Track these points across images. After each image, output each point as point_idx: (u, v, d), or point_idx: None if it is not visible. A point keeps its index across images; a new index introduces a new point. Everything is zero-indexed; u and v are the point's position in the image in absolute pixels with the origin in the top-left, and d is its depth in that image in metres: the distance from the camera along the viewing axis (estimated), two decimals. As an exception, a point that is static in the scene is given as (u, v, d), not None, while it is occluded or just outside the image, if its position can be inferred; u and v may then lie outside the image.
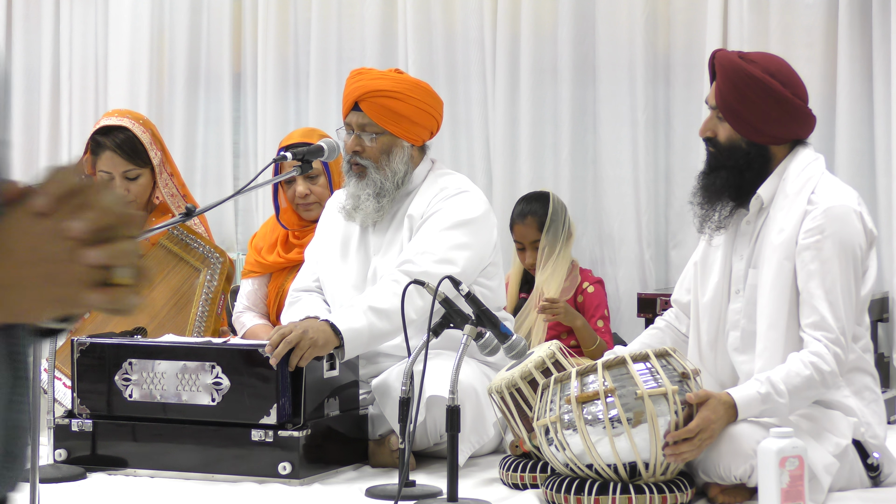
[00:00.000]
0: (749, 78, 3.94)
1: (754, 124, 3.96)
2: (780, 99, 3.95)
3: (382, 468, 4.36)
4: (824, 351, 3.80)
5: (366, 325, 4.27)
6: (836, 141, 5.54)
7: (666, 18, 5.90)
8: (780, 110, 3.95)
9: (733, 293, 4.02)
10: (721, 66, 3.99)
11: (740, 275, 4.01)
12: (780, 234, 3.91)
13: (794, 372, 3.78)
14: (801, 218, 3.88)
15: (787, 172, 3.97)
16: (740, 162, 3.98)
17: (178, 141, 6.60)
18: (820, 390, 3.82)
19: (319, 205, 5.10)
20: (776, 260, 3.91)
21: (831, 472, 3.79)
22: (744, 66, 3.96)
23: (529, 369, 4.02)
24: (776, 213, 3.95)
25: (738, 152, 3.98)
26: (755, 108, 3.94)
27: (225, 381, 4.21)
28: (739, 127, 3.97)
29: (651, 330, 4.31)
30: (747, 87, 3.94)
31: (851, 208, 3.89)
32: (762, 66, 3.97)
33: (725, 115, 3.98)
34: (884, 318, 5.44)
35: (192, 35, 6.63)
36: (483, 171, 6.10)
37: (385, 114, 4.52)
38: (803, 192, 3.91)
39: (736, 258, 4.04)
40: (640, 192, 5.89)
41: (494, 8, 6.07)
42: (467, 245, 4.46)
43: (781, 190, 3.96)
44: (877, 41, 5.46)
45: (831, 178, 3.99)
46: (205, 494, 4.06)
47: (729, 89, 3.96)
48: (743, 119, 3.96)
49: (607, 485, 3.71)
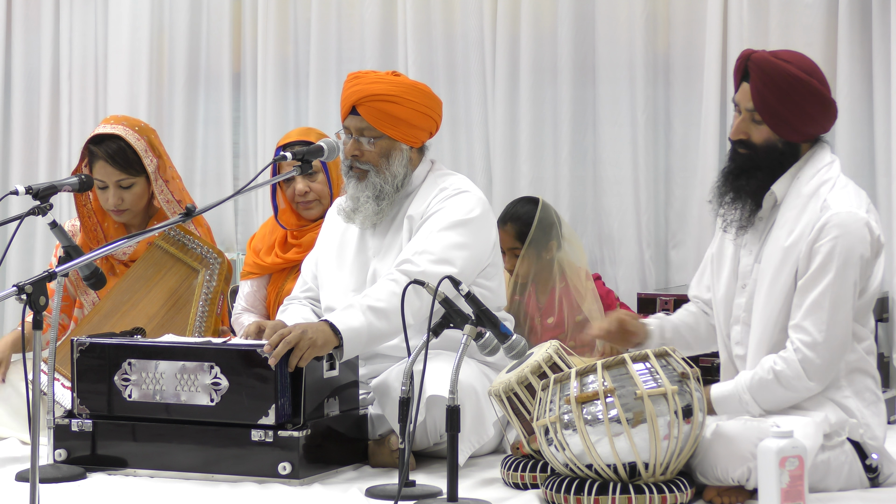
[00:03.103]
0: (792, 79, 3.92)
1: (794, 124, 3.94)
2: (819, 96, 3.95)
3: (382, 468, 4.36)
4: (791, 356, 3.86)
5: (365, 324, 4.27)
6: (836, 141, 5.54)
7: (666, 18, 5.90)
8: (819, 108, 3.95)
9: (739, 287, 4.03)
10: (759, 67, 3.94)
11: (747, 269, 4.02)
12: (789, 235, 3.91)
13: (758, 375, 3.88)
14: (812, 223, 3.88)
15: (803, 171, 3.97)
16: (774, 162, 3.97)
17: (178, 141, 6.60)
18: (784, 393, 3.87)
19: (319, 202, 5.10)
20: (779, 260, 3.92)
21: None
22: (785, 66, 3.93)
23: (526, 374, 4.03)
24: (787, 212, 3.95)
25: (774, 153, 3.97)
26: (798, 109, 3.92)
27: (224, 382, 4.21)
28: (780, 128, 3.95)
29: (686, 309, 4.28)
30: (791, 88, 3.91)
31: (860, 216, 3.88)
32: (798, 66, 3.95)
33: (765, 117, 3.95)
34: (884, 318, 5.43)
35: (192, 35, 6.63)
36: (483, 171, 6.10)
37: (383, 118, 4.52)
38: (817, 197, 3.91)
39: (745, 252, 4.04)
40: (639, 192, 5.89)
41: (494, 8, 6.07)
42: (466, 245, 4.46)
43: (795, 188, 3.96)
44: (877, 41, 5.46)
45: (845, 183, 3.97)
46: (205, 494, 4.06)
47: (770, 91, 3.92)
48: (784, 120, 3.94)
49: (607, 485, 3.71)
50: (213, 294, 4.98)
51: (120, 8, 6.65)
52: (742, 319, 4.02)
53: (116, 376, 4.32)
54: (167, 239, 5.01)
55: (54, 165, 6.78)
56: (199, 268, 5.01)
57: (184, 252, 5.02)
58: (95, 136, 4.99)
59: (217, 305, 5.00)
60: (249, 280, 5.22)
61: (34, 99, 6.86)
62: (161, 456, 4.27)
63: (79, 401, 4.36)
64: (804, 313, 3.86)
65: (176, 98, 6.64)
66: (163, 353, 4.29)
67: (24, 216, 4.29)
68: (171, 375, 4.26)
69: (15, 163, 6.86)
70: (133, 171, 4.99)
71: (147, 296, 4.98)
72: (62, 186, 4.51)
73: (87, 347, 4.36)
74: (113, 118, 5.12)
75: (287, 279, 5.12)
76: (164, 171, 5.03)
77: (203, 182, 6.63)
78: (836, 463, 3.88)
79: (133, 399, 4.30)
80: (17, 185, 4.38)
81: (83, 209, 5.10)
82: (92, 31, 6.73)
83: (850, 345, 3.91)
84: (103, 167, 4.96)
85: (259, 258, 5.21)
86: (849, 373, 3.95)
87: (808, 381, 3.86)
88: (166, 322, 4.92)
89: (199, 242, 5.02)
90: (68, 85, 6.75)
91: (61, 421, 4.36)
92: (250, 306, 5.20)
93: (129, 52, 6.64)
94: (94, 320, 4.95)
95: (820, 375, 3.87)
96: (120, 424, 4.32)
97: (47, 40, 6.80)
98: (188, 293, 4.99)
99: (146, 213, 5.11)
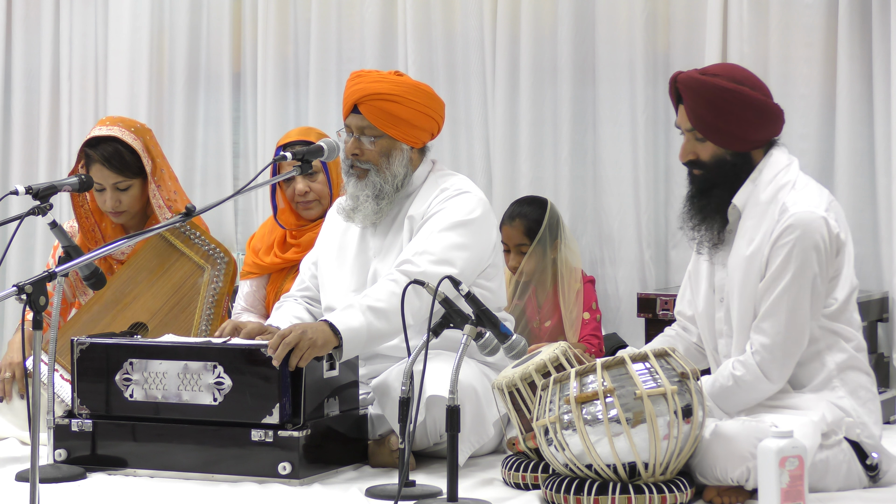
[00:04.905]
0: (721, 91, 3.97)
1: (736, 134, 3.99)
2: (754, 103, 3.98)
3: (382, 468, 4.36)
4: (750, 359, 3.93)
5: (364, 324, 4.27)
6: (836, 141, 5.54)
7: (666, 18, 5.90)
8: (756, 114, 3.98)
9: (717, 302, 4.07)
10: (687, 87, 4.02)
11: (722, 283, 4.06)
12: (750, 244, 3.95)
13: (718, 381, 3.97)
14: (771, 229, 3.92)
15: (761, 178, 4.00)
16: (729, 175, 4.01)
17: (178, 141, 6.60)
18: (746, 396, 3.94)
19: (319, 203, 5.10)
20: (743, 270, 3.98)
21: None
22: (710, 80, 3.99)
23: (530, 371, 4.03)
24: (746, 220, 4.00)
25: (726, 166, 4.01)
26: (733, 119, 3.97)
27: (227, 381, 4.21)
28: (722, 141, 4.00)
29: (661, 337, 4.33)
30: (721, 101, 3.97)
31: (818, 215, 3.91)
32: (726, 77, 4.01)
33: (706, 134, 4.00)
34: (884, 318, 5.43)
35: (192, 35, 6.63)
36: (483, 171, 6.10)
37: (384, 117, 4.52)
38: (775, 203, 3.96)
39: (718, 267, 4.08)
40: (639, 192, 5.89)
41: (494, 8, 6.06)
42: (466, 246, 4.46)
43: (754, 196, 3.99)
44: (877, 41, 5.46)
45: (803, 184, 4.00)
46: (205, 494, 4.06)
47: (704, 108, 3.98)
48: (724, 132, 3.99)
49: (607, 485, 3.71)
50: (219, 295, 4.98)
51: (120, 8, 6.65)
52: (725, 332, 4.07)
53: (118, 376, 4.32)
54: (173, 231, 5.00)
55: (54, 165, 6.79)
56: (205, 265, 5.01)
57: (188, 246, 5.02)
58: (91, 138, 4.99)
59: (223, 307, 5.00)
60: (249, 280, 5.22)
61: (34, 99, 6.86)
62: (161, 456, 4.27)
63: (79, 401, 4.36)
64: (763, 315, 3.93)
65: (176, 98, 6.64)
66: (165, 352, 4.29)
67: (24, 216, 4.29)
68: (173, 375, 4.26)
69: (15, 163, 6.86)
70: (129, 174, 4.99)
71: (150, 289, 4.97)
72: (62, 186, 4.51)
73: (87, 347, 4.36)
74: (109, 119, 5.11)
75: (286, 279, 5.13)
76: (156, 175, 5.01)
77: (203, 182, 6.63)
78: (835, 462, 3.89)
79: (135, 399, 4.30)
80: (17, 185, 4.37)
81: (80, 210, 5.09)
82: (92, 31, 6.73)
83: (805, 343, 3.94)
84: (99, 170, 4.95)
85: (258, 258, 5.22)
86: (841, 372, 3.97)
87: (768, 381, 3.93)
88: (170, 320, 4.92)
89: (205, 238, 5.02)
90: (68, 85, 6.75)
91: (61, 421, 4.36)
92: (250, 306, 5.20)
93: (129, 53, 6.64)
94: (94, 309, 4.93)
95: (778, 375, 3.93)
96: (120, 424, 4.32)
97: (47, 40, 6.80)
98: (192, 291, 4.99)
99: (144, 213, 5.10)
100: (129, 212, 5.05)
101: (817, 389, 3.96)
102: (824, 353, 3.98)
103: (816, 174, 5.17)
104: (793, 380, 3.98)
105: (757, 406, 3.96)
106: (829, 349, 3.98)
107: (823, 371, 3.97)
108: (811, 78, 5.61)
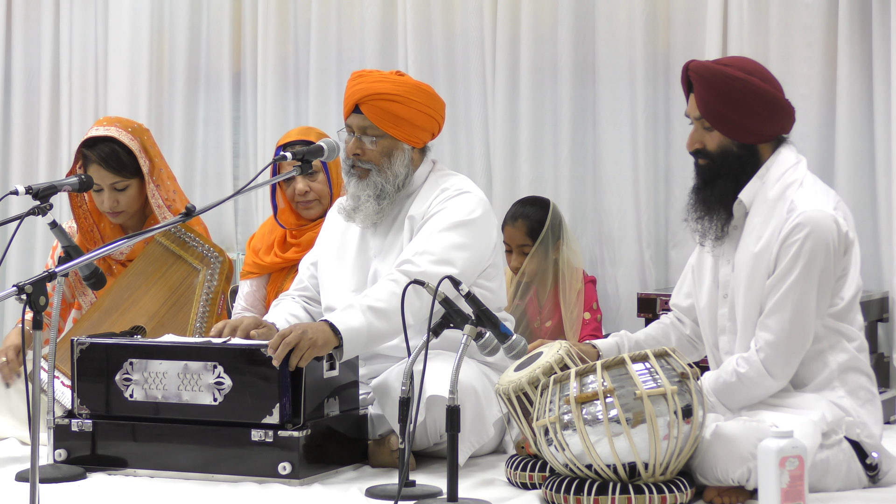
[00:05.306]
0: (731, 79, 3.97)
1: (744, 125, 3.98)
2: (764, 95, 3.98)
3: (382, 468, 4.36)
4: (754, 356, 3.93)
5: (364, 324, 4.27)
6: (836, 141, 5.55)
7: (666, 18, 5.90)
8: (765, 106, 3.98)
9: (720, 298, 4.07)
10: (699, 75, 4.02)
11: (726, 279, 4.06)
12: (758, 241, 3.95)
13: (722, 377, 3.97)
14: (780, 226, 3.91)
15: (769, 175, 4.00)
16: (734, 167, 4.01)
17: (178, 141, 6.60)
18: (749, 393, 3.94)
19: (319, 202, 5.10)
20: (751, 267, 3.97)
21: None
22: (723, 69, 3.99)
23: (537, 375, 4.01)
24: (754, 218, 3.99)
25: (731, 157, 4.01)
26: (742, 109, 3.96)
27: (227, 381, 4.21)
28: (729, 131, 4.00)
29: (656, 324, 4.33)
30: (731, 89, 3.96)
31: (827, 213, 3.91)
32: (739, 67, 4.01)
33: (714, 123, 4.01)
34: (884, 318, 5.44)
35: (192, 35, 6.63)
36: (483, 171, 6.10)
37: (386, 117, 4.53)
38: (783, 200, 3.95)
39: (723, 263, 4.08)
40: (639, 192, 5.89)
41: (494, 8, 6.07)
42: (466, 246, 4.46)
43: (762, 193, 3.99)
44: (877, 41, 5.46)
45: (811, 183, 4.01)
46: (205, 494, 4.06)
47: (713, 96, 3.98)
48: (732, 122, 3.98)
49: (607, 485, 3.71)
50: (213, 294, 4.98)
51: (120, 8, 6.66)
52: (728, 329, 4.06)
53: (118, 376, 4.32)
54: (168, 235, 5.01)
55: (54, 165, 6.79)
56: (200, 266, 5.01)
57: (184, 249, 5.02)
58: (88, 139, 4.98)
59: (218, 305, 5.00)
60: (249, 280, 5.23)
61: (34, 99, 6.86)
62: (161, 456, 4.27)
63: (79, 401, 4.36)
64: (769, 311, 3.93)
65: (176, 98, 6.64)
66: (165, 352, 4.29)
67: (24, 216, 4.29)
68: (173, 375, 4.26)
69: (15, 163, 6.86)
70: (127, 174, 4.99)
71: (147, 293, 4.98)
72: (62, 186, 4.51)
73: (87, 347, 4.36)
74: (106, 119, 5.11)
75: (286, 279, 5.13)
76: (155, 175, 5.01)
77: (203, 182, 6.63)
78: (835, 462, 3.89)
79: (135, 399, 4.30)
80: (17, 185, 4.37)
81: (78, 210, 5.09)
82: (92, 32, 6.73)
83: (810, 341, 3.94)
84: (97, 170, 4.95)
85: (258, 258, 5.22)
86: (842, 373, 3.97)
87: (771, 378, 3.93)
88: (167, 321, 4.92)
89: (200, 240, 5.02)
90: (68, 85, 6.75)
91: (61, 421, 4.36)
92: (250, 306, 5.20)
93: (129, 53, 6.64)
94: (94, 317, 4.94)
95: (781, 372, 3.93)
96: (120, 424, 4.32)
97: (47, 40, 6.80)
98: (189, 292, 4.99)
99: (143, 213, 5.10)
100: (128, 212, 5.05)
101: (818, 389, 3.96)
102: (827, 353, 3.98)
103: (816, 174, 5.10)
104: (794, 378, 3.98)
105: (758, 404, 3.96)
106: (831, 349, 3.98)
107: (825, 370, 3.97)
108: (811, 78, 5.62)
